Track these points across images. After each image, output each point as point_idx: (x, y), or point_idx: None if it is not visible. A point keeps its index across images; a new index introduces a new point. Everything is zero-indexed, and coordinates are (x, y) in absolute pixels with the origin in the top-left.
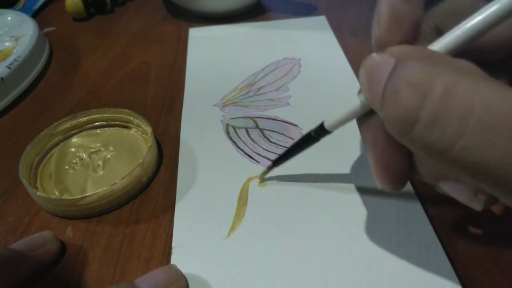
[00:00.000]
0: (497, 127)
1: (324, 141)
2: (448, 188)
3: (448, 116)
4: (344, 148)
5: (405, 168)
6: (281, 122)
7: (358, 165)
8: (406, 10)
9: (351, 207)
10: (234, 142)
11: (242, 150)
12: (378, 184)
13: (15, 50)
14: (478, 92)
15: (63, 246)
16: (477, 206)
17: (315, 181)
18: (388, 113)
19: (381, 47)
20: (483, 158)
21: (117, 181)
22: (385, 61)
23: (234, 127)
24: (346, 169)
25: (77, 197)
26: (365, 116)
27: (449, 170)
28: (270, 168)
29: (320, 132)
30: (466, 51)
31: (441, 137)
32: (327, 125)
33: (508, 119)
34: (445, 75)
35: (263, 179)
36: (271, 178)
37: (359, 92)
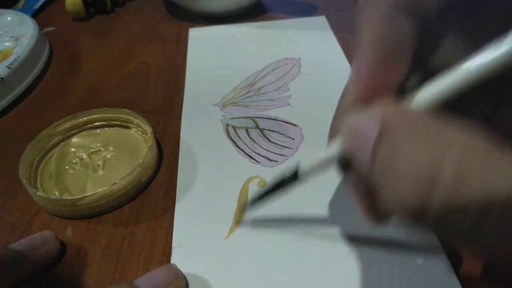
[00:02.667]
0: None
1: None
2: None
3: (463, 207)
4: None
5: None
6: (281, 122)
7: None
8: (384, 76)
9: (351, 207)
10: (234, 142)
11: (242, 150)
12: (369, 223)
13: (15, 50)
14: (497, 175)
15: (63, 246)
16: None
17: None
18: (390, 197)
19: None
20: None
21: (117, 181)
22: (368, 126)
23: (234, 127)
24: None
25: (77, 197)
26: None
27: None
28: (245, 210)
29: (292, 180)
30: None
31: (459, 228)
32: (301, 172)
33: None
34: (452, 159)
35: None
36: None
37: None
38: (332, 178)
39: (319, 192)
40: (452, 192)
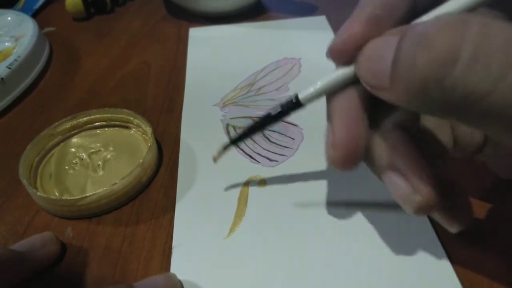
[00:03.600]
0: None
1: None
2: (388, 181)
3: (490, 51)
4: None
5: (362, 149)
6: (281, 122)
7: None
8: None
9: (351, 207)
10: None
11: (242, 150)
12: (330, 161)
13: (15, 50)
14: None
15: (63, 246)
16: (409, 208)
17: (316, 182)
18: (421, 64)
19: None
20: None
21: (117, 181)
22: (385, 40)
23: (234, 127)
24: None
25: (77, 197)
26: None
27: (398, 159)
28: (226, 147)
29: (292, 105)
30: None
31: (485, 76)
32: (302, 96)
33: None
34: (477, 16)
35: (216, 157)
36: (273, 181)
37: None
38: (333, 179)
39: (319, 192)
40: (481, 38)
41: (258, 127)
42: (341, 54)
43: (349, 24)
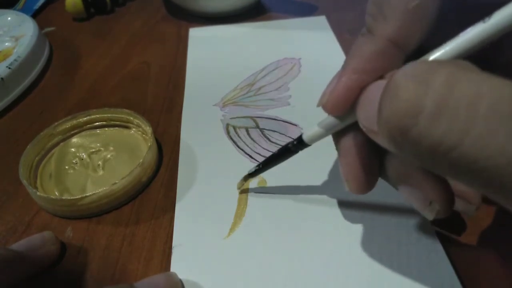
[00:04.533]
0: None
1: (325, 144)
2: (406, 193)
3: (455, 103)
4: None
5: (375, 173)
6: (281, 122)
7: None
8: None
9: (351, 207)
10: (234, 142)
11: (243, 150)
12: (347, 188)
13: (15, 50)
14: (484, 80)
15: (63, 246)
16: (429, 215)
17: (316, 184)
18: (386, 112)
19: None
20: (498, 152)
21: (117, 181)
22: (377, 83)
23: (234, 127)
24: None
25: (77, 197)
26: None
27: (412, 174)
28: (246, 178)
29: (298, 145)
30: None
31: (450, 128)
32: (305, 138)
33: None
34: (447, 66)
35: (241, 188)
36: (258, 190)
37: None
38: (333, 179)
39: (319, 192)
40: (445, 90)
41: (275, 158)
42: (337, 109)
43: (341, 78)
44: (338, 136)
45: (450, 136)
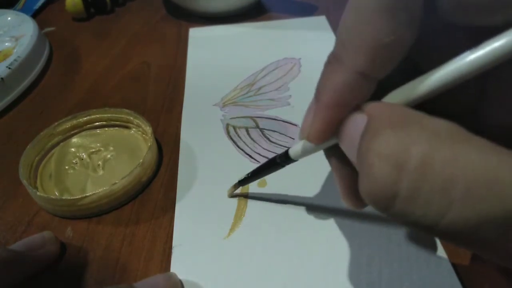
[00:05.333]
0: (487, 196)
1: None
2: None
3: (429, 188)
4: None
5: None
6: (281, 122)
7: None
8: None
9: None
10: (234, 142)
11: (242, 150)
12: (346, 205)
13: (15, 50)
14: (458, 159)
15: (63, 246)
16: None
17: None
18: (363, 187)
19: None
20: (476, 229)
21: (117, 181)
22: (355, 118)
23: (234, 127)
24: None
25: (77, 197)
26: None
27: None
28: (236, 186)
29: (285, 159)
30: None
31: (426, 212)
32: (292, 153)
33: (496, 186)
34: (421, 142)
35: (231, 195)
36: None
37: None
38: (331, 179)
39: (319, 192)
40: (419, 175)
41: (264, 169)
42: (319, 140)
43: (316, 114)
44: (328, 152)
45: (426, 219)
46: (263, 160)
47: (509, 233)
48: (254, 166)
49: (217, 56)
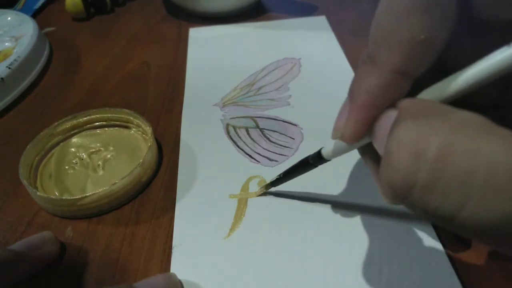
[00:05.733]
0: (508, 188)
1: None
2: None
3: (448, 179)
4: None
5: None
6: (281, 122)
7: (362, 169)
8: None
9: (352, 208)
10: (234, 142)
11: (242, 150)
12: (385, 202)
13: (15, 50)
14: (480, 151)
15: (63, 246)
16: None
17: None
18: (382, 175)
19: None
20: (496, 223)
21: (117, 181)
22: (388, 114)
23: (234, 127)
24: (348, 173)
25: (77, 197)
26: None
27: None
28: (267, 187)
29: (318, 159)
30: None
31: (444, 203)
32: (325, 154)
33: None
34: (441, 133)
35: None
36: (268, 193)
37: None
38: (333, 180)
39: (319, 192)
40: (437, 165)
41: (294, 171)
42: (352, 140)
43: (351, 115)
44: (363, 151)
45: (444, 210)
46: (263, 160)
47: None
48: (254, 166)
49: (217, 56)
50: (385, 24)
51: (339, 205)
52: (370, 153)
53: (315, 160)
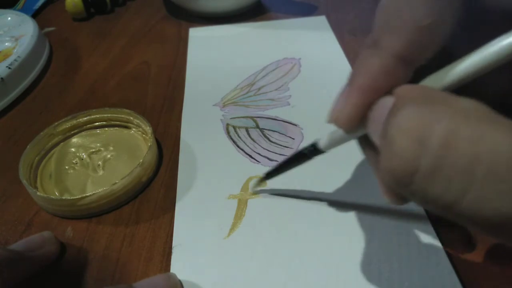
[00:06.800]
0: (510, 176)
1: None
2: None
3: (451, 166)
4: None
5: None
6: (281, 122)
7: (361, 169)
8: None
9: (351, 207)
10: (234, 142)
11: (242, 150)
12: (386, 201)
13: (15, 50)
14: (483, 138)
15: (63, 246)
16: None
17: (314, 190)
18: (383, 163)
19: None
20: (497, 212)
21: (117, 181)
22: (384, 100)
23: (234, 127)
24: (347, 173)
25: (77, 197)
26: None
27: None
28: (262, 180)
29: (313, 151)
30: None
31: (446, 190)
32: (321, 145)
33: None
34: (445, 120)
35: (255, 191)
36: (266, 191)
37: None
38: (333, 180)
39: (319, 192)
40: (441, 152)
41: (290, 162)
42: (347, 125)
43: (349, 97)
44: (366, 146)
45: (445, 197)
46: (263, 160)
47: None
48: (254, 166)
49: (217, 56)
50: (390, 8)
51: (339, 205)
52: (369, 144)
53: (310, 151)
